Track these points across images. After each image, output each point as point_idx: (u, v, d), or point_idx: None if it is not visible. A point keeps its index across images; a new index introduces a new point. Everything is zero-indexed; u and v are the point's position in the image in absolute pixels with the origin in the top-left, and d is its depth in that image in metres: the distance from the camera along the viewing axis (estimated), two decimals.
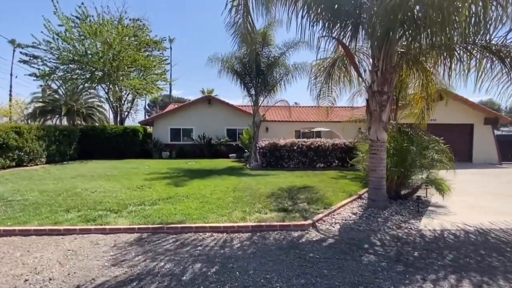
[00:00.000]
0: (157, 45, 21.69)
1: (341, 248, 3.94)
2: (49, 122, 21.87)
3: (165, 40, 22.26)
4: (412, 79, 10.75)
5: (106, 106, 28.84)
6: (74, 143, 16.30)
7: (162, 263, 3.44)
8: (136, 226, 4.59)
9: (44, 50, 17.52)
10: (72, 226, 4.60)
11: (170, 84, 39.29)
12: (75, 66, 18.53)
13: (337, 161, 12.50)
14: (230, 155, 18.20)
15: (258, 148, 12.27)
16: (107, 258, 3.59)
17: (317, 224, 4.83)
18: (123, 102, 21.88)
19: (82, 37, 17.80)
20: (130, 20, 19.81)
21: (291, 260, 3.53)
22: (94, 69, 18.85)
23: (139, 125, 19.71)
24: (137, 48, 19.30)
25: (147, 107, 49.68)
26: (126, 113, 22.95)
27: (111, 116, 23.91)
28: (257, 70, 12.88)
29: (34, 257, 3.62)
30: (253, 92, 13.47)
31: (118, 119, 21.94)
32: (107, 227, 4.55)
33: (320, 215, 5.14)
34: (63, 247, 3.95)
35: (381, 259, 3.59)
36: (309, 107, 20.10)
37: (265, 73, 12.94)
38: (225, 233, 4.49)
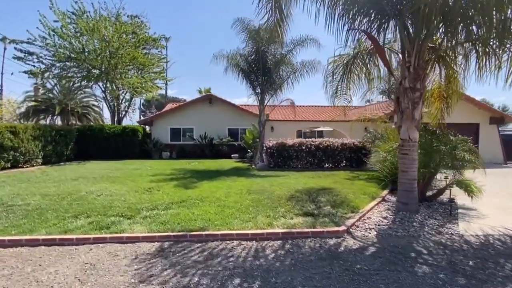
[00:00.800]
0: (155, 43, 21.16)
1: (387, 258, 3.60)
2: (42, 122, 21.17)
3: (164, 37, 21.70)
4: (428, 77, 10.56)
5: (102, 105, 28.30)
6: (71, 143, 15.70)
7: (196, 278, 3.05)
8: (156, 234, 4.18)
9: (40, 46, 16.86)
10: (85, 235, 4.17)
11: (166, 83, 38.65)
12: (72, 64, 17.89)
13: (345, 161, 12.21)
14: (232, 155, 17.79)
15: (265, 148, 11.91)
16: (131, 273, 3.19)
17: (351, 230, 4.49)
18: (120, 101, 21.26)
19: (79, 34, 17.18)
20: (128, 16, 19.28)
21: (339, 273, 3.18)
22: (92, 67, 18.24)
23: (137, 124, 19.14)
24: (135, 45, 18.74)
25: (141, 107, 48.83)
26: (124, 112, 22.34)
27: (107, 115, 23.26)
28: (263, 68, 12.52)
29: (48, 273, 3.19)
30: (258, 90, 13.10)
31: (116, 118, 21.31)
32: (124, 235, 4.13)
33: (352, 220, 4.80)
34: (79, 260, 3.52)
35: (436, 270, 3.26)
36: (312, 106, 19.84)
37: (272, 70, 12.58)
38: (253, 241, 4.12)
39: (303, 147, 11.81)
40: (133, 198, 6.50)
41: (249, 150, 16.53)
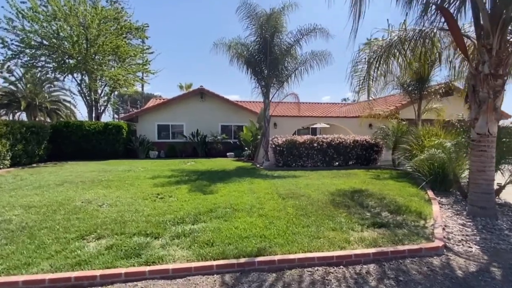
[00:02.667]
0: (138, 32, 19.31)
1: None
2: (4, 118, 18.59)
3: (147, 27, 19.89)
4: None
5: (75, 100, 25.69)
6: (44, 142, 13.68)
7: None
8: (213, 263, 3.08)
9: (5, 29, 14.53)
10: (112, 269, 2.96)
11: (142, 77, 36.21)
12: (43, 52, 15.69)
13: (355, 159, 11.57)
14: (227, 153, 16.64)
15: (273, 145, 10.94)
16: None
17: (447, 244, 3.67)
18: (99, 95, 19.17)
19: (52, 17, 15.05)
20: (107, 1, 17.34)
21: None
22: (67, 56, 16.14)
23: (121, 121, 17.28)
24: (118, 33, 16.88)
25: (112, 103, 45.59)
26: (103, 108, 20.22)
27: (84, 111, 20.92)
28: (269, 59, 11.51)
29: None
30: (263, 83, 12.07)
31: (94, 114, 19.20)
32: (169, 266, 2.99)
33: (437, 231, 3.99)
34: None
35: None
36: (312, 103, 19.14)
37: (279, 61, 11.61)
38: (342, 267, 3.16)
39: (315, 145, 10.99)
40: (147, 208, 5.26)
41: (246, 148, 15.50)
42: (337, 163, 11.40)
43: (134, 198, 6.04)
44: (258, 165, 11.90)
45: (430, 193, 6.39)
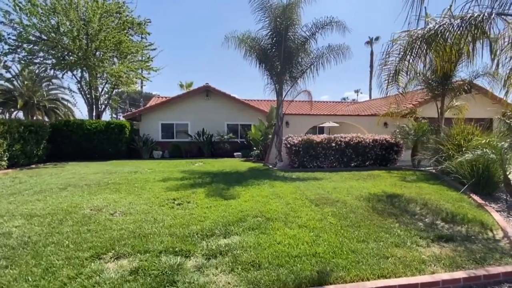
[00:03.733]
0: (140, 28, 18.59)
1: None
2: (0, 117, 17.79)
3: (149, 23, 19.17)
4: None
5: (75, 99, 24.91)
6: (43, 142, 12.94)
7: None
8: None
9: (1, 23, 13.77)
10: None
11: (141, 75, 35.46)
12: (42, 47, 14.93)
13: (373, 159, 10.95)
14: (235, 153, 15.98)
15: (289, 145, 10.30)
16: None
17: None
18: (100, 93, 18.42)
19: (51, 10, 14.30)
20: None
21: None
22: (66, 52, 15.40)
23: (123, 119, 16.55)
24: (120, 28, 16.15)
25: (111, 102, 44.64)
26: (104, 106, 19.46)
27: (83, 109, 20.16)
28: (284, 54, 10.87)
29: None
30: (276, 79, 11.42)
31: (94, 113, 18.46)
32: None
33: None
34: None
35: None
36: (320, 102, 18.53)
37: (293, 56, 10.97)
38: None
39: (333, 144, 10.37)
40: (166, 217, 4.61)
41: (254, 148, 14.85)
42: (354, 164, 10.79)
43: (149, 205, 5.38)
44: (270, 166, 11.25)
45: (476, 197, 5.79)
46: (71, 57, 15.76)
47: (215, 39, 71.47)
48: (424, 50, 6.00)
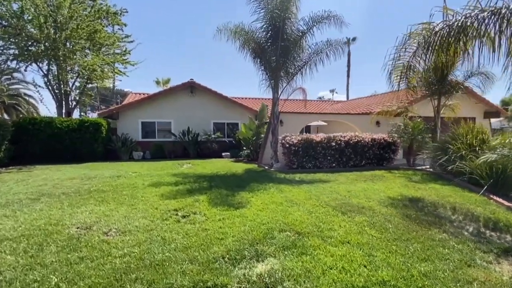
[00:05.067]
0: (115, 18, 17.07)
1: None
2: None
3: (126, 12, 17.69)
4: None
5: (40, 94, 22.71)
6: (4, 142, 11.32)
7: None
8: None
9: None
10: None
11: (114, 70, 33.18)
12: (1, 34, 13.09)
13: (371, 159, 10.69)
14: (223, 154, 15.14)
15: (287, 145, 9.72)
16: None
17: None
18: (70, 88, 16.66)
19: None
20: None
21: None
22: (31, 41, 13.66)
23: (98, 117, 15.01)
24: (94, 16, 14.64)
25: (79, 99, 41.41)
26: (75, 102, 17.67)
27: (52, 107, 18.18)
28: (281, 48, 10.25)
29: None
30: (271, 75, 10.77)
31: (64, 110, 16.69)
32: None
33: None
34: None
35: None
36: (312, 101, 18.14)
37: (291, 50, 10.38)
38: None
39: (333, 144, 9.95)
40: (176, 235, 3.82)
41: (244, 148, 14.14)
42: (352, 163, 10.45)
43: (149, 219, 4.52)
44: (266, 167, 10.62)
45: (498, 199, 5.55)
46: (36, 47, 14.02)
47: (195, 34, 69.06)
48: (446, 45, 5.64)
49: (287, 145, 9.81)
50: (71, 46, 14.85)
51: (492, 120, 18.33)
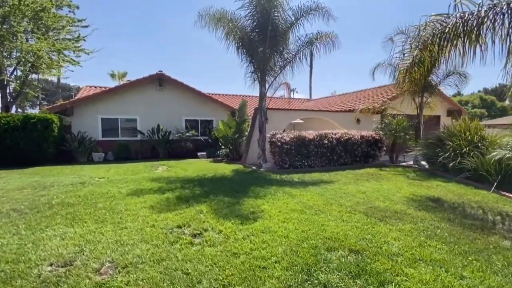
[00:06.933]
0: None
1: None
2: None
3: None
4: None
5: None
6: None
7: None
8: None
9: None
10: None
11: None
12: None
13: (358, 157, 10.49)
14: (199, 153, 13.90)
15: (279, 143, 8.99)
16: None
17: None
18: (7, 77, 13.86)
19: None
20: None
21: None
22: None
23: (49, 113, 12.63)
24: None
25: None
26: (14, 95, 14.81)
27: None
28: (269, 39, 9.47)
29: None
30: (258, 68, 9.94)
31: (0, 104, 13.89)
32: None
33: None
34: None
35: None
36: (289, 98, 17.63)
37: (279, 41, 9.66)
38: None
39: (325, 141, 9.48)
40: (202, 267, 2.85)
41: (223, 147, 13.13)
42: (341, 161, 10.12)
43: (152, 242, 3.42)
44: (254, 167, 9.78)
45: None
46: None
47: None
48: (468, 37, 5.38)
49: (279, 144, 9.08)
50: (9, 27, 12.31)
51: None
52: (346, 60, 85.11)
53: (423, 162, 10.26)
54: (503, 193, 5.72)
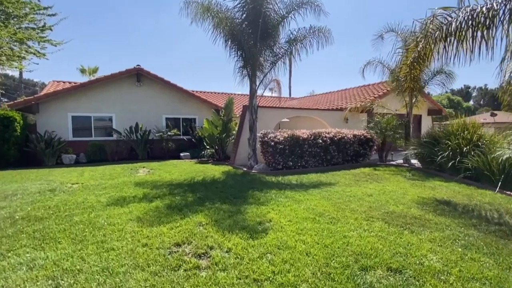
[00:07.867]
0: None
1: None
2: None
3: None
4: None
5: None
6: None
7: None
8: None
9: None
10: None
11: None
12: None
13: (350, 156, 10.27)
14: (181, 154, 13.05)
15: (273, 143, 8.48)
16: None
17: None
18: None
19: None
20: None
21: None
22: None
23: (10, 110, 11.15)
24: None
25: None
26: None
27: None
28: (260, 32, 8.92)
29: None
30: (248, 63, 9.35)
31: None
32: None
33: None
34: None
35: None
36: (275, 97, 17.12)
37: (271, 35, 9.14)
38: None
39: (319, 141, 9.11)
40: None
41: (208, 147, 12.41)
42: (334, 161, 9.82)
43: (149, 269, 2.77)
44: (245, 169, 9.21)
45: None
46: None
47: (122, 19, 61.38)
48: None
49: (272, 143, 8.57)
50: None
51: None
52: (318, 61, 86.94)
53: (414, 161, 10.25)
54: (508, 193, 5.61)
